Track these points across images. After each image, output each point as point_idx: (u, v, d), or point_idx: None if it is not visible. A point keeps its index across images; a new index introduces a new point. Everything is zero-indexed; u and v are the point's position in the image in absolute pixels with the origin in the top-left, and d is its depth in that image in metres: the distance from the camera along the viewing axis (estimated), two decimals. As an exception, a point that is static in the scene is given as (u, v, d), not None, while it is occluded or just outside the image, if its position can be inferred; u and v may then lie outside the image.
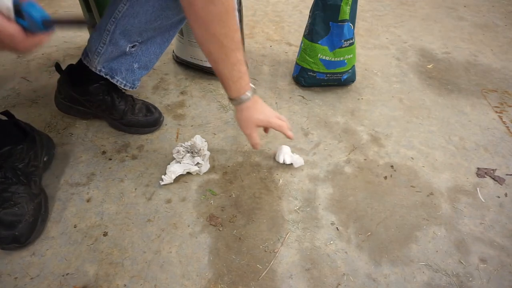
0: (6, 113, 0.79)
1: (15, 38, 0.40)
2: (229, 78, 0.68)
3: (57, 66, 0.90)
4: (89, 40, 0.82)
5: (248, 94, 0.72)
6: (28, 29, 0.41)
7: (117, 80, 0.86)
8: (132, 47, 0.81)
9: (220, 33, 0.61)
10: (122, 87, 0.88)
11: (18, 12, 0.40)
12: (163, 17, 0.76)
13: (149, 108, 0.98)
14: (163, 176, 0.84)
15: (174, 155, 0.88)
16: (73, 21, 0.44)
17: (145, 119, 0.96)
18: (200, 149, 0.88)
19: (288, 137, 0.82)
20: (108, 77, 0.84)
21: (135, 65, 0.85)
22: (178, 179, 0.86)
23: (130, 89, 0.90)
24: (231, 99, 0.74)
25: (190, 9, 0.59)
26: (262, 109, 0.76)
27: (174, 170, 0.84)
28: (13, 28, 0.40)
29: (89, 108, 0.94)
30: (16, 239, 0.69)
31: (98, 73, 0.83)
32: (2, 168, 0.73)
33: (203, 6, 0.57)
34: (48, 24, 0.42)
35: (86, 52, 0.83)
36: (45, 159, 0.83)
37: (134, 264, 0.71)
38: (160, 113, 1.00)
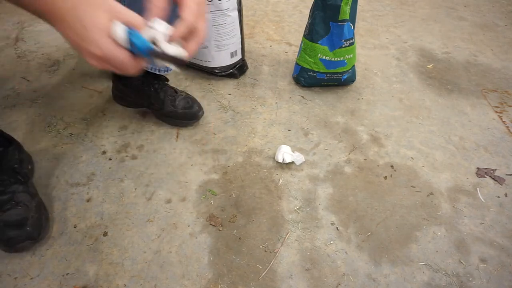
0: None
1: (126, 64, 0.45)
2: None
3: None
4: None
5: None
6: (135, 54, 0.46)
7: (149, 67, 0.88)
8: None
9: None
10: (157, 73, 0.90)
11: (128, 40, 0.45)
12: None
13: (189, 102, 0.99)
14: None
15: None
16: (174, 59, 0.48)
17: (183, 112, 0.98)
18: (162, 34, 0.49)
19: None
20: None
21: None
22: (178, 178, 0.86)
23: (165, 73, 0.92)
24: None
25: None
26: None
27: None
28: (124, 55, 0.44)
29: (134, 98, 0.97)
30: (30, 235, 0.69)
31: None
32: None
33: None
34: (151, 54, 0.46)
35: None
36: (29, 167, 0.83)
37: (134, 264, 0.71)
38: (199, 107, 1.00)
